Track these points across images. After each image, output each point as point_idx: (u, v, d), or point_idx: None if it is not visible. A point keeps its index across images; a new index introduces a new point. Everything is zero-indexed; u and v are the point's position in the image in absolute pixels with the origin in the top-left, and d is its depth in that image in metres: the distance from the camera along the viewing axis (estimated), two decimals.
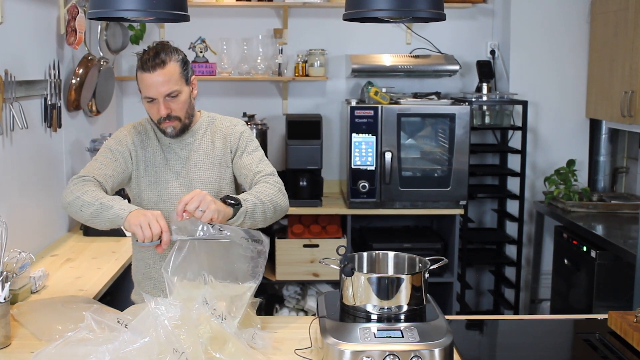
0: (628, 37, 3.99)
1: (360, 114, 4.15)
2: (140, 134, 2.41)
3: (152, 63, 2.22)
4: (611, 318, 2.19)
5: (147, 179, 2.37)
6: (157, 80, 2.23)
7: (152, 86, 2.24)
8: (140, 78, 2.26)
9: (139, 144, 2.39)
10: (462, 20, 4.75)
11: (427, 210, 4.28)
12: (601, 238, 3.66)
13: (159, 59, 2.23)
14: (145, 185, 2.37)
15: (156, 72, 2.22)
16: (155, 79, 2.23)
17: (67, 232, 3.58)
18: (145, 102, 2.30)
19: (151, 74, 2.23)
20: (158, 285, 2.39)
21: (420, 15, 1.90)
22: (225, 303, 1.95)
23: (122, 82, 4.69)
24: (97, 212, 2.11)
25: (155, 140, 2.42)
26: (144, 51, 2.28)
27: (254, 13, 4.66)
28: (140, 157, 2.38)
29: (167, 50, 2.26)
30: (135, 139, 2.39)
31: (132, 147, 2.38)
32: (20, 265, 2.42)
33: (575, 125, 4.68)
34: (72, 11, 3.40)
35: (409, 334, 1.83)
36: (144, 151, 2.39)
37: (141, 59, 2.25)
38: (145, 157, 2.38)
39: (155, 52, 2.25)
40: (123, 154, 2.36)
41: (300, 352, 1.97)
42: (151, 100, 2.28)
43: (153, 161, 2.38)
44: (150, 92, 2.25)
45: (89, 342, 1.81)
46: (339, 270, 1.99)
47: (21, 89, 2.96)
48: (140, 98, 2.33)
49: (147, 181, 2.37)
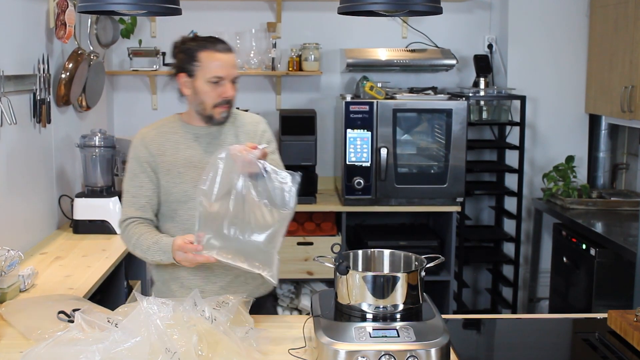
0: (628, 31, 3.97)
1: (355, 110, 4.13)
2: (155, 140, 2.37)
3: (223, 45, 2.31)
4: (611, 317, 2.18)
5: (171, 181, 2.34)
6: (230, 61, 2.31)
7: (224, 66, 2.29)
8: (209, 57, 2.28)
9: (155, 151, 2.35)
10: (459, 14, 4.72)
11: (424, 208, 4.26)
12: (601, 236, 3.65)
13: (227, 44, 2.32)
14: (171, 186, 2.34)
15: (230, 54, 2.31)
16: (228, 59, 2.30)
17: (57, 230, 3.54)
18: (205, 84, 2.28)
19: (225, 54, 2.30)
20: (186, 284, 2.37)
21: (416, 9, 1.92)
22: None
23: (112, 77, 4.66)
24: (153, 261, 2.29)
25: (178, 137, 2.37)
26: (199, 36, 2.36)
27: (247, 6, 4.64)
28: (160, 164, 2.34)
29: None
30: (151, 147, 2.35)
31: (150, 159, 2.34)
32: (8, 263, 2.40)
33: (575, 121, 4.66)
34: (61, 4, 3.38)
35: (405, 334, 1.82)
36: (163, 156, 2.35)
37: (206, 40, 2.31)
38: (166, 161, 2.34)
39: (219, 39, 2.33)
40: (146, 173, 2.34)
41: (294, 351, 1.96)
42: (217, 81, 2.28)
43: (175, 164, 2.34)
44: (222, 72, 2.28)
45: (79, 341, 1.79)
46: (334, 268, 1.98)
47: (10, 83, 2.93)
48: (187, 83, 2.31)
49: (172, 183, 2.34)
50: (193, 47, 2.29)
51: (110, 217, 3.43)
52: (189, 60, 2.29)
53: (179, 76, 2.33)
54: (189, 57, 2.29)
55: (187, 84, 2.32)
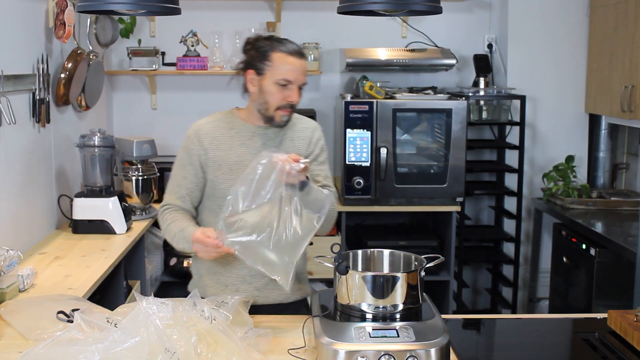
0: (628, 31, 3.96)
1: (354, 109, 4.12)
2: (209, 134, 2.37)
3: (297, 50, 2.30)
4: (611, 317, 2.17)
5: (221, 177, 2.35)
6: (301, 67, 2.30)
7: (295, 71, 2.28)
8: (282, 59, 2.27)
9: (208, 145, 2.36)
10: (458, 13, 4.72)
11: (423, 207, 4.26)
12: (601, 235, 3.64)
13: (300, 50, 2.32)
14: (220, 182, 2.35)
15: (302, 60, 2.31)
16: (300, 65, 2.29)
17: (56, 230, 3.53)
18: (272, 85, 2.28)
19: (298, 60, 2.29)
20: (222, 280, 2.39)
21: (416, 9, 1.92)
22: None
23: (111, 77, 4.65)
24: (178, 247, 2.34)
25: (234, 134, 2.37)
26: (274, 36, 2.38)
27: (247, 6, 4.64)
28: (210, 158, 2.35)
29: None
30: (204, 141, 2.36)
31: (201, 152, 2.35)
32: (8, 263, 2.39)
33: (574, 121, 4.65)
34: (60, 4, 3.37)
35: (405, 334, 1.82)
36: (216, 151, 2.35)
37: (280, 42, 2.30)
38: (218, 156, 2.35)
39: (295, 43, 2.33)
40: (193, 166, 2.36)
41: (294, 352, 1.95)
42: (285, 84, 2.28)
43: (227, 159, 2.35)
44: (292, 76, 2.28)
45: (79, 341, 1.78)
46: (333, 268, 1.97)
47: (9, 83, 2.92)
48: (254, 80, 2.31)
49: (221, 179, 2.34)
50: (267, 46, 2.29)
51: (110, 217, 3.42)
52: (261, 59, 2.29)
53: (247, 72, 2.33)
54: (261, 55, 2.29)
55: (254, 81, 2.32)
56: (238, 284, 2.35)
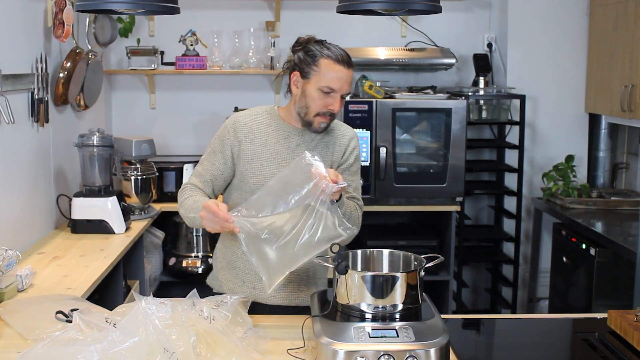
0: (628, 30, 3.96)
1: (354, 109, 4.12)
2: (247, 126, 2.37)
3: (347, 59, 2.27)
4: (611, 317, 2.17)
5: (251, 171, 2.35)
6: (347, 77, 2.27)
7: (341, 79, 2.26)
8: (329, 66, 2.25)
9: (243, 137, 2.36)
10: (458, 13, 4.71)
11: (423, 207, 4.25)
12: (601, 235, 3.64)
13: (349, 59, 2.29)
14: (249, 176, 2.35)
15: (349, 69, 2.28)
16: (346, 74, 2.27)
17: (55, 230, 3.53)
18: (316, 90, 2.27)
19: (345, 69, 2.26)
20: (240, 275, 2.40)
21: (415, 8, 1.92)
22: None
23: (110, 76, 4.65)
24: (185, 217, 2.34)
25: (270, 131, 2.37)
26: (326, 42, 2.31)
27: (246, 5, 4.63)
28: (244, 151, 2.35)
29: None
30: (240, 133, 2.36)
31: (235, 144, 2.36)
32: (6, 263, 2.39)
33: (574, 120, 4.65)
34: (59, 3, 3.36)
35: (404, 334, 1.81)
36: (251, 144, 2.35)
37: (330, 48, 2.27)
38: (251, 150, 2.35)
39: (344, 51, 2.30)
40: (224, 155, 2.37)
41: (293, 352, 1.94)
42: (329, 92, 2.26)
43: (260, 154, 2.35)
44: (336, 84, 2.25)
45: (77, 341, 1.78)
46: (333, 268, 1.96)
47: (7, 82, 2.92)
48: (298, 83, 2.31)
49: (252, 173, 2.34)
50: (316, 50, 2.27)
51: (109, 217, 3.42)
52: (308, 63, 2.27)
53: (293, 74, 2.32)
54: (310, 59, 2.27)
55: (298, 83, 2.31)
56: (255, 282, 2.36)
